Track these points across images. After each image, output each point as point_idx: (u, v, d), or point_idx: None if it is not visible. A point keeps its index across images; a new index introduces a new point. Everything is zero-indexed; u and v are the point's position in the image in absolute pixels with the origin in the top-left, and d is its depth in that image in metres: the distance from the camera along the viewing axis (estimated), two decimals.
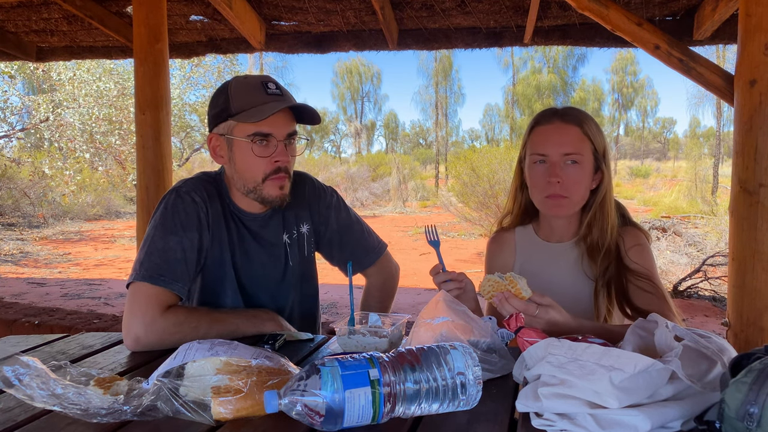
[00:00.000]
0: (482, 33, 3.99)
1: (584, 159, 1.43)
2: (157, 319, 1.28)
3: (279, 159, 1.38)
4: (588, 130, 1.44)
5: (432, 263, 1.39)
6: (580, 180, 1.44)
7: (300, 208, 1.60)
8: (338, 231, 1.66)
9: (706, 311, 5.12)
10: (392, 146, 53.12)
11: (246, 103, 1.36)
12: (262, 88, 1.36)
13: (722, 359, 0.89)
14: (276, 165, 1.38)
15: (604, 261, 1.44)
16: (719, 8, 3.00)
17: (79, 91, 11.81)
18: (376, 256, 1.73)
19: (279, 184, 1.40)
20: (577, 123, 1.44)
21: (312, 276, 1.67)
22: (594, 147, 1.44)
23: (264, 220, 1.53)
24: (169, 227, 1.37)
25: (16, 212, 13.55)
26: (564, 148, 1.42)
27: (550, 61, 37.22)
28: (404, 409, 0.85)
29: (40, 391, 0.90)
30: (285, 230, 1.55)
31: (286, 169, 1.41)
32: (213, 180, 1.51)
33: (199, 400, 0.90)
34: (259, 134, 1.36)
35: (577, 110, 1.48)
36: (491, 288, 1.21)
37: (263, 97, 1.36)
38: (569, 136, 1.43)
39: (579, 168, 1.43)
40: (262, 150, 1.37)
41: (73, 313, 3.69)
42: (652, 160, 50.96)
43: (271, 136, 1.37)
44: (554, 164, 1.43)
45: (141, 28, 3.46)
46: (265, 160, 1.38)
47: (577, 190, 1.45)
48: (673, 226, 8.79)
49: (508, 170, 9.56)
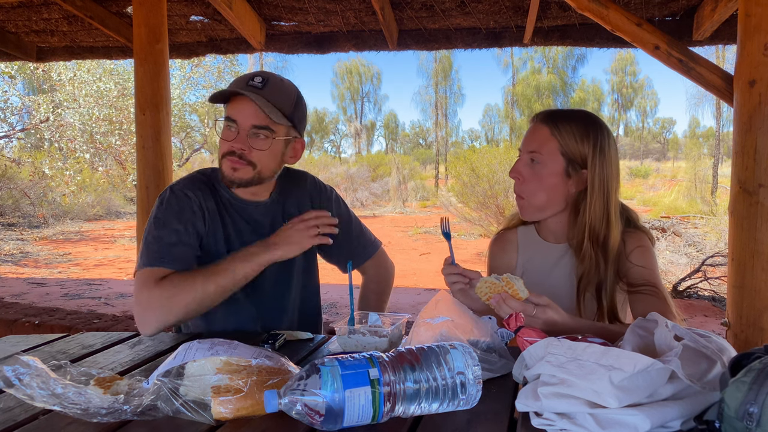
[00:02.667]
0: (482, 33, 3.99)
1: (545, 159, 1.42)
2: (153, 290, 1.32)
3: (235, 145, 1.43)
4: (558, 133, 1.42)
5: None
6: (539, 180, 1.43)
7: (302, 199, 1.64)
8: (338, 225, 1.67)
9: (705, 311, 5.12)
10: (392, 146, 53.15)
11: (221, 91, 1.44)
12: (246, 79, 1.44)
13: (722, 359, 0.89)
14: (231, 148, 1.43)
15: (583, 264, 1.43)
16: (719, 8, 3.00)
17: (79, 91, 11.81)
18: (374, 250, 1.78)
19: (231, 166, 1.45)
20: (549, 123, 1.44)
21: (314, 270, 1.70)
22: (563, 149, 1.42)
23: (265, 207, 1.56)
24: (163, 220, 1.43)
25: (17, 212, 13.54)
26: (529, 146, 1.46)
27: (550, 62, 37.23)
28: (404, 409, 0.86)
29: (40, 390, 0.90)
30: (285, 220, 1.56)
31: (242, 155, 1.43)
32: (207, 176, 1.56)
33: (199, 400, 0.90)
34: (227, 119, 1.45)
35: (566, 115, 1.46)
36: (488, 289, 1.21)
37: (239, 85, 1.42)
38: (536, 135, 1.45)
39: (538, 167, 1.44)
40: (227, 133, 1.45)
41: (73, 313, 3.69)
42: (652, 161, 50.96)
43: (235, 122, 1.43)
44: (519, 161, 1.48)
45: (141, 29, 3.46)
46: (226, 143, 1.45)
47: (534, 190, 1.45)
48: (673, 226, 8.79)
49: (507, 170, 9.52)
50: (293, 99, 1.48)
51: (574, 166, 1.43)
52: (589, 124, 1.44)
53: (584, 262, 1.43)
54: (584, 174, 1.43)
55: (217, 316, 1.53)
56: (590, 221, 1.42)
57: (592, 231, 1.42)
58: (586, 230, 1.42)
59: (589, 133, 1.42)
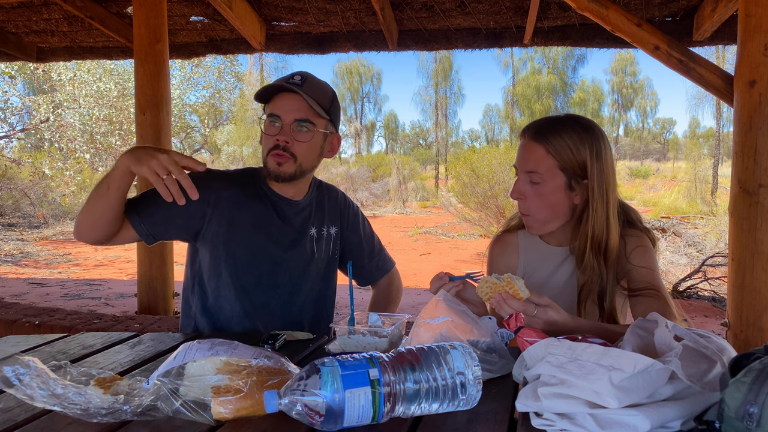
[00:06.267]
0: (482, 33, 3.99)
1: (545, 178, 1.40)
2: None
3: (279, 138, 1.49)
4: (554, 150, 1.38)
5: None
6: (542, 199, 1.42)
7: (332, 210, 1.71)
8: (365, 239, 1.80)
9: (705, 311, 5.12)
10: (392, 147, 53.14)
11: (265, 87, 1.51)
12: (287, 78, 1.51)
13: (722, 359, 0.89)
14: (276, 142, 1.50)
15: (585, 274, 1.43)
16: (719, 9, 3.00)
17: (79, 91, 11.82)
18: (391, 266, 1.88)
19: (277, 160, 1.51)
20: (542, 141, 1.39)
21: (333, 277, 1.73)
22: (562, 165, 1.39)
23: (298, 207, 1.63)
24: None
25: (17, 212, 13.54)
26: (526, 166, 1.42)
27: (550, 62, 37.21)
28: (404, 409, 0.86)
29: (40, 391, 0.90)
30: (314, 224, 1.65)
31: (286, 148, 1.49)
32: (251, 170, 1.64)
33: (199, 400, 0.90)
34: (271, 115, 1.51)
35: (556, 128, 1.41)
36: (489, 289, 1.21)
37: (279, 83, 1.50)
38: (531, 155, 1.41)
39: (538, 187, 1.41)
40: (270, 129, 1.52)
41: (73, 314, 3.68)
42: (652, 161, 50.93)
43: (278, 117, 1.49)
44: (518, 180, 1.45)
45: (141, 29, 3.46)
46: (270, 138, 1.51)
47: (539, 208, 1.43)
48: (673, 226, 8.80)
49: (507, 170, 9.56)
50: (330, 95, 1.56)
51: (575, 179, 1.41)
52: (581, 131, 1.40)
53: (586, 273, 1.43)
54: (586, 183, 1.41)
55: (225, 311, 1.54)
56: (592, 230, 1.40)
57: (594, 239, 1.41)
58: (588, 239, 1.41)
59: (584, 141, 1.39)
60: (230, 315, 1.55)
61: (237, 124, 22.26)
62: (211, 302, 1.56)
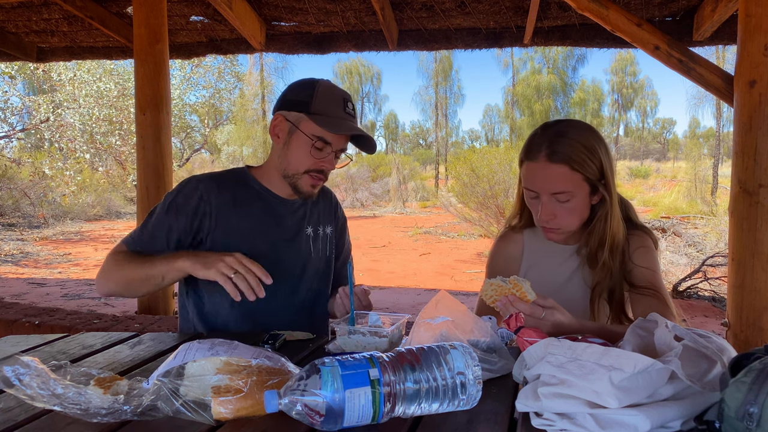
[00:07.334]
0: (482, 33, 3.99)
1: (576, 193, 1.38)
2: (107, 260, 1.48)
3: (326, 165, 1.54)
4: (577, 165, 1.35)
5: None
6: (573, 213, 1.41)
7: (327, 211, 1.73)
8: (345, 248, 1.82)
9: (705, 311, 5.12)
10: (392, 147, 53.13)
11: (325, 109, 1.50)
12: (342, 104, 1.53)
13: (722, 359, 0.89)
14: (321, 167, 1.54)
15: (600, 273, 1.43)
16: (719, 9, 3.00)
17: (79, 91, 11.82)
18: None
19: (313, 183, 1.55)
20: (564, 161, 1.34)
21: (331, 276, 1.73)
22: (586, 176, 1.37)
23: (293, 207, 1.63)
24: (166, 205, 1.51)
25: (17, 212, 13.54)
26: (553, 189, 1.37)
27: (550, 62, 37.18)
28: (404, 409, 0.86)
29: (40, 391, 0.90)
30: (309, 224, 1.66)
31: (326, 174, 1.56)
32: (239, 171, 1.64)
33: (199, 400, 0.90)
34: (322, 139, 1.51)
35: (566, 141, 1.35)
36: (494, 292, 1.20)
37: (341, 113, 1.52)
38: (557, 178, 1.35)
39: (569, 204, 1.39)
40: (317, 152, 1.52)
41: (73, 313, 3.68)
42: (652, 161, 50.95)
43: (329, 144, 1.52)
44: (545, 203, 1.39)
45: (141, 29, 3.46)
46: (316, 161, 1.53)
47: (570, 222, 1.42)
48: (673, 226, 8.80)
49: (507, 170, 9.56)
50: None
51: (597, 184, 1.39)
52: (587, 134, 1.38)
53: (602, 271, 1.43)
54: (603, 183, 1.40)
55: (222, 316, 1.54)
56: (611, 228, 1.40)
57: (614, 238, 1.42)
58: (608, 237, 1.41)
59: (593, 143, 1.38)
60: (227, 319, 1.54)
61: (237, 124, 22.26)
62: (207, 308, 1.56)
